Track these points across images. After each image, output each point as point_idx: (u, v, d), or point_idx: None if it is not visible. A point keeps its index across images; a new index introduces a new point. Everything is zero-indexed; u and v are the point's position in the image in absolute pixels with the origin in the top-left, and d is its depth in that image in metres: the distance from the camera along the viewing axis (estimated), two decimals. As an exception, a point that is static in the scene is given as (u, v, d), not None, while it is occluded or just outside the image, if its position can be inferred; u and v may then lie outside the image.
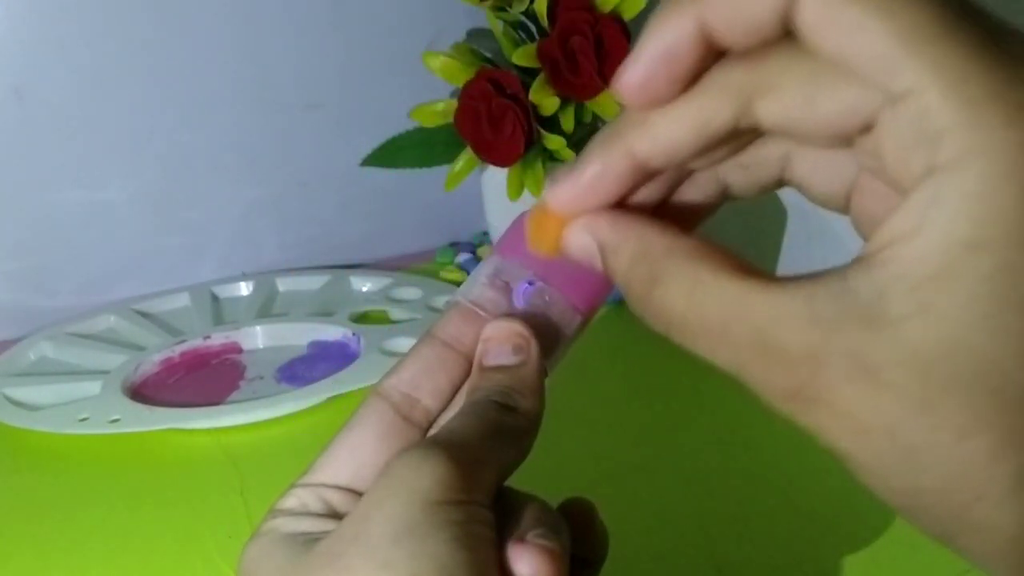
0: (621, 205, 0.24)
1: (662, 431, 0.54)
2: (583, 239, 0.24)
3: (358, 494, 0.27)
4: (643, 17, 0.67)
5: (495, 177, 0.73)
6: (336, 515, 0.27)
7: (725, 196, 0.26)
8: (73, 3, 0.67)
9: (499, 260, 0.31)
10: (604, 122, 0.72)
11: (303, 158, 0.79)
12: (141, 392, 0.61)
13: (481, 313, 0.30)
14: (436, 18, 0.79)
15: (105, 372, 0.62)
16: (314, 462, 0.28)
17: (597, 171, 0.23)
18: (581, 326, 0.31)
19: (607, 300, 0.32)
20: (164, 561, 0.47)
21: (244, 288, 0.76)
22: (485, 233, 0.85)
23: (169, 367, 0.65)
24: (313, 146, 0.79)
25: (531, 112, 0.68)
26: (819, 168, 0.24)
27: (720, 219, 0.27)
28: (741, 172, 0.25)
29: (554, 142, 0.69)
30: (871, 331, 0.18)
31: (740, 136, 0.23)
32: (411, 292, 0.74)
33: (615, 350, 0.64)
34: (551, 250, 0.25)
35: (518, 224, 0.32)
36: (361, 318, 0.70)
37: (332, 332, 0.68)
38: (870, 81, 0.18)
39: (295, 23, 0.75)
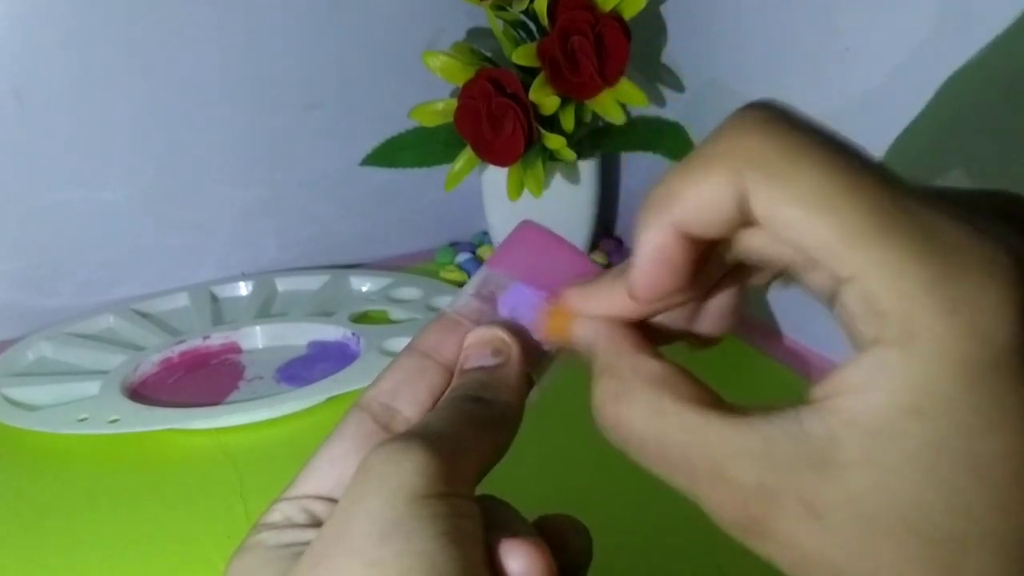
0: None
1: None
2: (586, 332, 0.27)
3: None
4: (643, 17, 0.68)
5: (495, 177, 0.73)
6: (319, 524, 0.26)
7: (742, 289, 0.28)
8: (73, 4, 0.67)
9: (488, 271, 0.31)
10: (604, 122, 0.72)
11: (302, 158, 0.79)
12: (140, 392, 0.61)
13: (464, 322, 0.30)
14: (436, 18, 0.78)
15: (104, 372, 0.62)
16: (295, 477, 0.28)
17: (609, 293, 0.26)
18: None
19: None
20: (163, 561, 0.47)
21: (243, 288, 0.76)
22: (485, 233, 0.84)
23: (168, 367, 0.65)
24: (312, 146, 0.79)
25: (531, 111, 0.68)
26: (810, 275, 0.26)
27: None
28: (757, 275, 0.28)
29: (554, 141, 0.69)
30: (821, 475, 0.20)
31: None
32: (411, 292, 0.74)
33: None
34: (563, 340, 0.28)
35: (511, 237, 0.32)
36: (361, 318, 0.70)
37: (332, 332, 0.68)
38: (821, 264, 0.20)
39: (294, 23, 0.75)
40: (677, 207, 0.22)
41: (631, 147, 0.77)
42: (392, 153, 0.78)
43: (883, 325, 0.19)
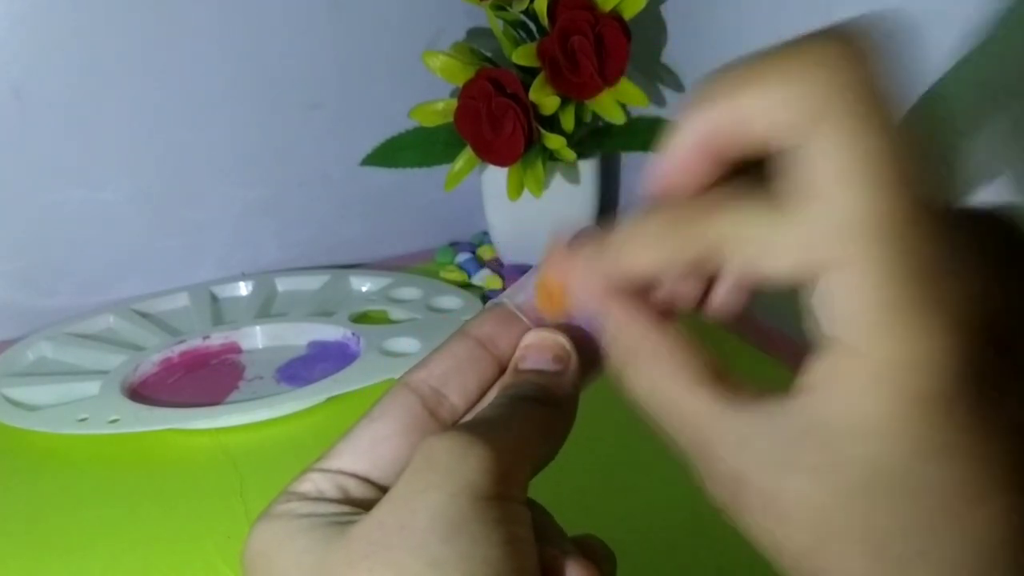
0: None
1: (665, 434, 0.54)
2: (583, 300, 0.26)
3: (375, 485, 0.26)
4: (643, 17, 0.68)
5: (495, 177, 0.73)
6: (352, 502, 0.26)
7: None
8: (73, 3, 0.67)
9: None
10: (604, 122, 0.72)
11: (303, 158, 0.79)
12: (140, 392, 0.61)
13: (523, 318, 0.29)
14: (436, 18, 0.78)
15: (104, 372, 0.62)
16: (332, 447, 0.27)
17: (585, 270, 0.25)
18: None
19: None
20: (163, 561, 0.47)
21: (243, 288, 0.76)
22: (485, 233, 0.84)
23: (168, 367, 0.65)
24: (313, 146, 0.79)
25: (531, 111, 0.68)
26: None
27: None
28: None
29: (554, 141, 0.69)
30: (784, 472, 0.20)
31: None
32: (411, 292, 0.74)
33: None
34: (559, 314, 0.28)
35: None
36: (361, 318, 0.70)
37: (332, 332, 0.68)
38: (817, 237, 0.19)
39: (295, 23, 0.75)
40: (729, 109, 0.20)
41: (631, 147, 0.77)
42: (392, 153, 0.78)
43: (847, 331, 0.19)
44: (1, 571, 0.46)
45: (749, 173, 0.22)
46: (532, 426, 0.26)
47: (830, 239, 0.19)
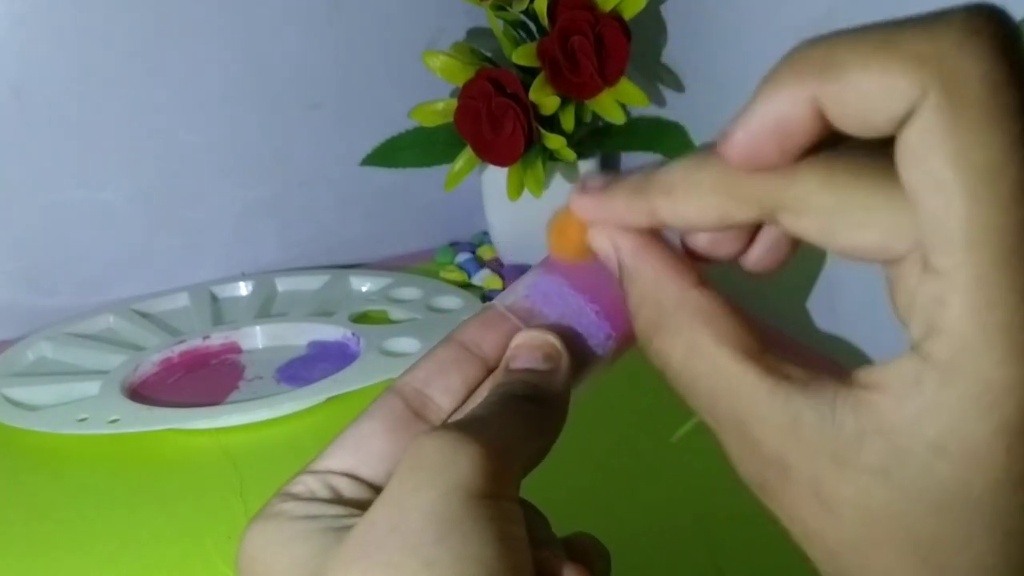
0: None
1: (663, 430, 0.54)
2: (605, 245, 0.25)
3: (365, 482, 0.26)
4: (643, 17, 0.68)
5: (495, 177, 0.73)
6: (344, 501, 0.26)
7: None
8: (73, 3, 0.67)
9: (542, 274, 0.30)
10: (604, 122, 0.72)
11: (302, 158, 0.79)
12: (140, 392, 0.61)
13: (512, 319, 0.29)
14: (436, 18, 0.78)
15: (104, 372, 0.62)
16: (321, 451, 0.28)
17: (623, 204, 0.23)
18: (616, 352, 0.30)
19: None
20: (163, 561, 0.46)
21: (243, 288, 0.76)
22: (485, 233, 0.84)
23: (168, 367, 0.65)
24: (313, 146, 0.79)
25: (531, 111, 0.68)
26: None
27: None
28: None
29: (554, 141, 0.69)
30: (839, 469, 0.19)
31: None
32: (411, 292, 0.74)
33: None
34: (574, 254, 0.26)
35: None
36: (361, 318, 0.70)
37: (332, 332, 0.68)
38: (920, 235, 0.18)
39: (295, 23, 0.75)
40: (831, 83, 0.18)
41: (631, 147, 0.77)
42: (392, 153, 0.78)
43: (937, 338, 0.18)
44: (1, 571, 0.46)
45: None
46: (523, 424, 0.26)
47: (933, 244, 0.18)
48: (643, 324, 0.23)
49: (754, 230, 0.24)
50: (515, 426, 0.25)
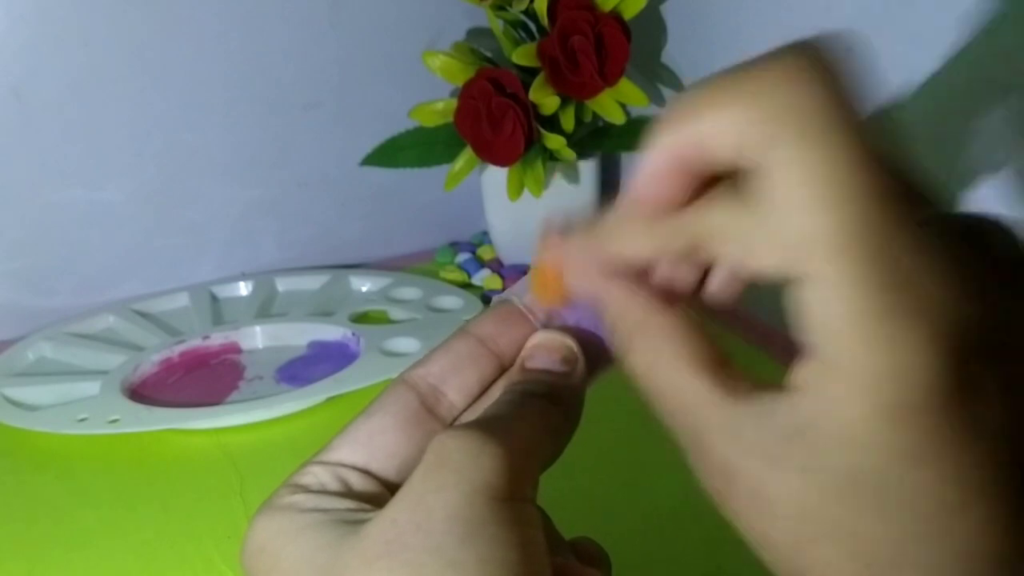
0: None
1: (663, 429, 0.54)
2: (583, 284, 0.26)
3: (376, 477, 0.26)
4: (643, 17, 0.68)
5: (495, 177, 0.73)
6: (355, 495, 0.25)
7: None
8: (72, 4, 0.67)
9: None
10: (604, 122, 0.72)
11: (302, 158, 0.79)
12: (140, 392, 0.61)
13: (530, 317, 0.29)
14: (436, 18, 0.78)
15: (104, 372, 0.62)
16: (331, 442, 0.27)
17: (580, 249, 0.25)
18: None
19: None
20: (163, 561, 0.46)
21: (244, 288, 0.76)
22: (485, 233, 0.84)
23: (168, 367, 0.65)
24: (312, 146, 0.79)
25: (531, 111, 0.68)
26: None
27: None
28: None
29: (554, 141, 0.69)
30: (772, 468, 0.21)
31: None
32: (411, 292, 0.74)
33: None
34: (559, 299, 0.27)
35: None
36: (361, 318, 0.70)
37: (332, 332, 0.68)
38: (790, 251, 0.20)
39: (294, 23, 0.75)
40: (696, 124, 0.21)
41: (631, 147, 0.77)
42: (392, 153, 0.78)
43: (824, 341, 0.19)
44: (1, 571, 0.46)
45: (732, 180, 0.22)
46: (542, 425, 0.26)
47: (798, 254, 0.19)
48: (618, 343, 0.25)
49: (707, 267, 0.26)
50: (534, 428, 0.25)
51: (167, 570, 0.46)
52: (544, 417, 0.26)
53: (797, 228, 0.19)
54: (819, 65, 0.20)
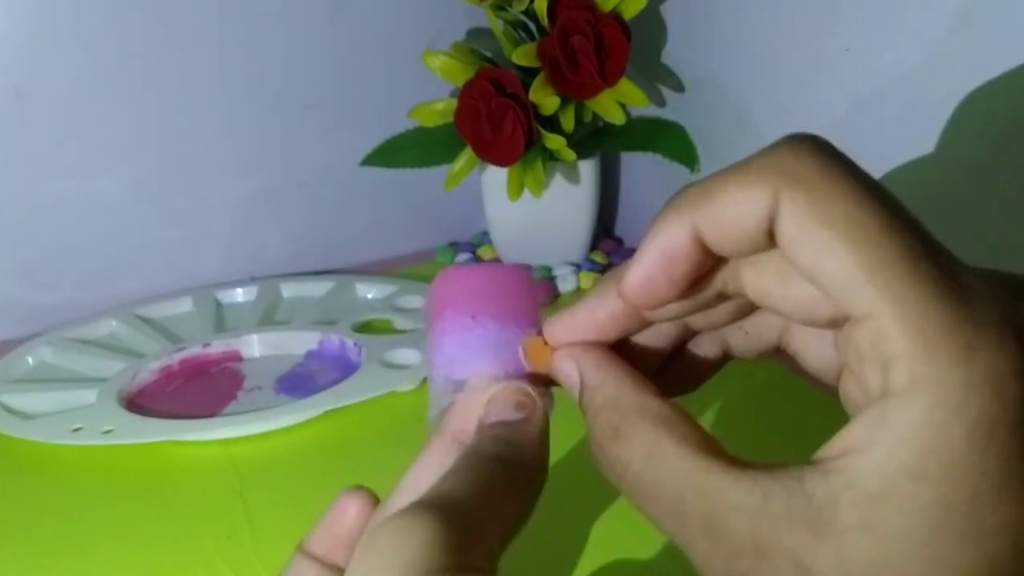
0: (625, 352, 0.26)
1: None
2: (568, 366, 0.26)
3: (333, 567, 0.27)
4: (643, 17, 0.67)
5: (495, 177, 0.72)
6: None
7: (727, 356, 0.28)
8: (73, 3, 0.67)
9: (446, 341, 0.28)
10: (604, 122, 0.71)
11: (302, 158, 0.79)
12: (138, 401, 0.60)
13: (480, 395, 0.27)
14: (436, 18, 0.78)
15: (103, 379, 0.61)
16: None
17: (592, 306, 0.25)
18: None
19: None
20: (162, 569, 0.46)
21: (248, 293, 0.75)
22: (485, 233, 0.84)
23: (168, 375, 0.64)
24: (312, 146, 0.79)
25: (531, 111, 0.67)
26: (811, 345, 0.26)
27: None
28: (742, 336, 0.27)
29: (554, 141, 0.68)
30: (817, 538, 0.19)
31: (733, 303, 0.25)
32: (416, 300, 0.73)
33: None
34: (545, 370, 0.27)
35: (441, 292, 0.30)
36: (364, 327, 0.69)
37: (333, 342, 0.67)
38: (834, 299, 0.20)
39: (294, 23, 0.74)
40: (703, 209, 0.21)
41: (631, 147, 0.77)
42: (392, 153, 0.77)
43: (891, 371, 0.19)
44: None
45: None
46: (494, 485, 0.24)
47: (847, 297, 0.19)
48: (601, 432, 0.23)
49: (672, 351, 0.27)
50: (482, 489, 0.24)
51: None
52: (494, 476, 0.24)
53: (832, 272, 0.19)
54: (816, 141, 0.21)
